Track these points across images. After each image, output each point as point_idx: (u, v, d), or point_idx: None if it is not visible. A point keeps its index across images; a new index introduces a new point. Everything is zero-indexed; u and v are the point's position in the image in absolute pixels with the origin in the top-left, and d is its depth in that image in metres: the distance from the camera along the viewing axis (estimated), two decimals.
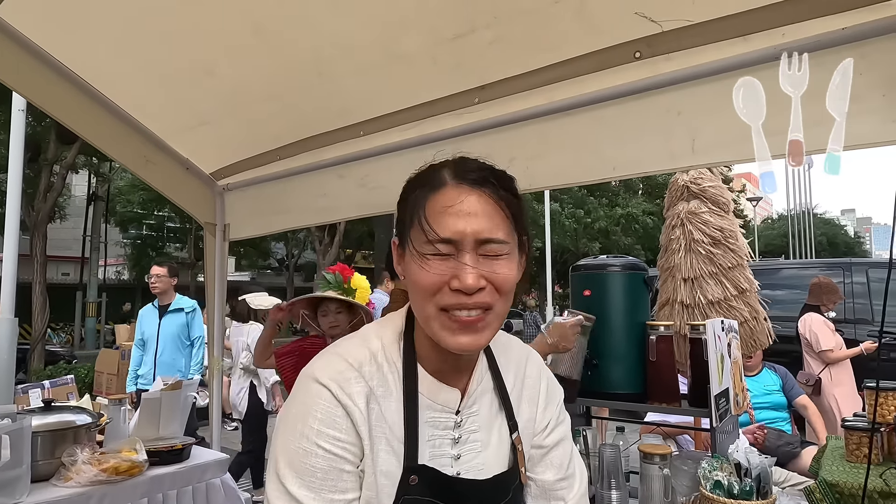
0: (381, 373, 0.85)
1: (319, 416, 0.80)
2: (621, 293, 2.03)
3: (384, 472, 0.82)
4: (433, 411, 0.87)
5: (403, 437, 0.84)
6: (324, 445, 0.80)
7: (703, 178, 2.90)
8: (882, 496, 1.44)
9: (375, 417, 0.83)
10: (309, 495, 0.79)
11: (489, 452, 0.90)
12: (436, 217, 0.80)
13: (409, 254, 0.83)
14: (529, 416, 0.96)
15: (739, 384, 2.01)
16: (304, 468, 0.79)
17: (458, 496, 0.86)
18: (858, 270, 6.51)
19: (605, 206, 20.00)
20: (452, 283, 0.78)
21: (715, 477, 1.62)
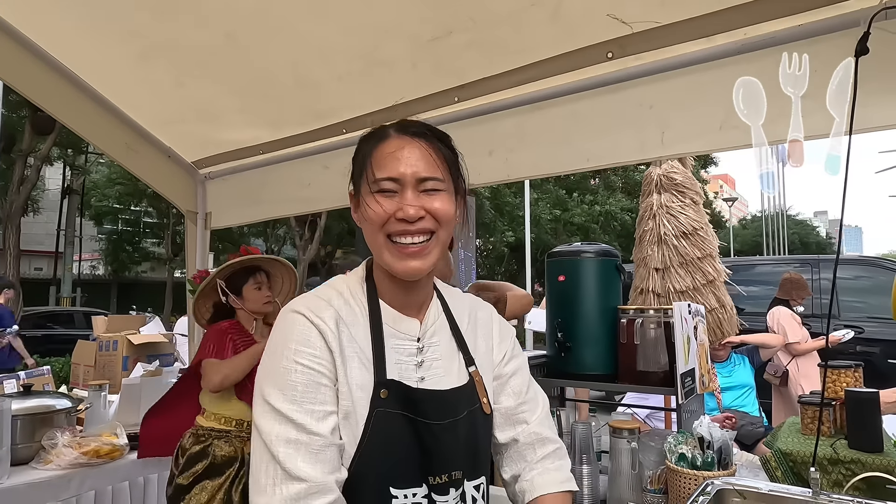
0: (348, 306, 0.98)
1: (296, 338, 0.91)
2: (594, 278, 2.11)
3: (359, 385, 0.93)
4: (397, 339, 0.99)
5: (372, 357, 0.95)
6: (302, 361, 0.90)
7: (675, 172, 3.01)
8: (831, 462, 1.55)
9: (346, 338, 0.94)
10: (292, 408, 0.87)
11: (450, 378, 1.01)
12: (381, 161, 0.96)
13: (361, 199, 0.98)
14: (486, 350, 1.10)
15: (705, 365, 2.11)
16: (286, 384, 0.88)
17: (422, 405, 0.96)
18: (826, 267, 6.73)
19: (584, 205, 20.21)
20: (397, 213, 0.93)
21: (680, 450, 1.70)
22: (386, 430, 0.92)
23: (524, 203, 15.21)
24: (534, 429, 1.10)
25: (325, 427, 0.88)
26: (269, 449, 0.85)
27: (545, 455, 1.10)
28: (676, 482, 1.67)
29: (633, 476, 1.73)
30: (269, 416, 0.88)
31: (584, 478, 1.87)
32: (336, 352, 0.92)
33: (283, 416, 0.87)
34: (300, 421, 0.87)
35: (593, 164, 1.80)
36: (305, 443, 0.86)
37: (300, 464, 0.85)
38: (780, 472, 1.67)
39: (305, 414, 0.87)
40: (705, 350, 2.16)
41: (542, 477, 1.08)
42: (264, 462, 0.86)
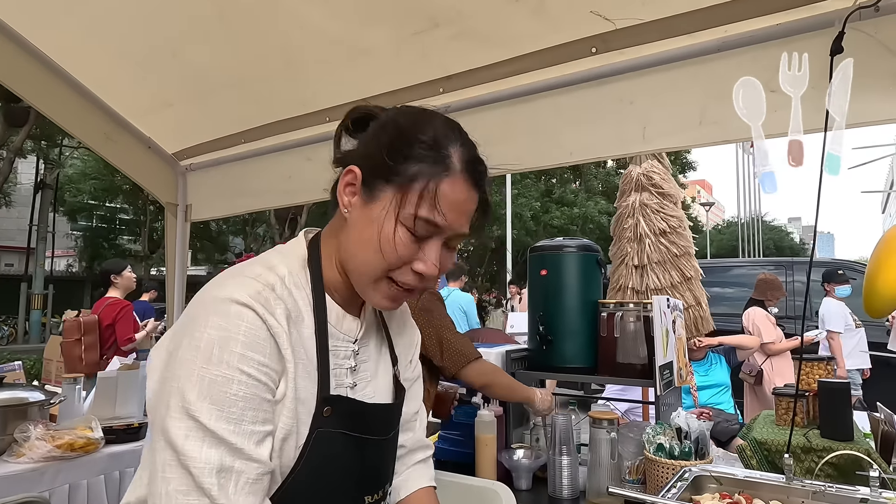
0: (292, 298, 0.81)
1: (242, 339, 0.73)
2: (575, 273, 2.13)
3: (302, 400, 0.79)
4: (336, 340, 0.86)
5: (317, 365, 0.81)
6: (247, 371, 0.73)
7: (655, 172, 3.06)
8: (804, 451, 1.59)
9: (295, 341, 0.79)
10: (228, 428, 0.71)
11: (376, 382, 0.93)
12: (442, 199, 0.78)
13: (380, 204, 0.79)
14: (405, 349, 1.03)
15: (683, 359, 2.15)
16: (224, 398, 0.71)
17: (366, 423, 0.86)
18: (800, 269, 6.89)
19: (564, 206, 20.39)
20: (416, 265, 0.80)
21: (658, 441, 1.73)
22: (325, 453, 0.80)
23: (505, 201, 15.28)
24: (419, 435, 1.07)
25: (264, 451, 0.74)
26: (196, 480, 0.68)
27: (422, 459, 1.08)
28: (655, 472, 1.69)
29: (613, 466, 1.75)
30: (196, 437, 0.70)
31: (563, 469, 1.89)
32: (289, 360, 0.77)
33: (218, 437, 0.70)
34: (238, 445, 0.71)
35: (576, 159, 1.83)
36: (242, 472, 0.71)
37: (237, 497, 0.70)
38: (755, 460, 1.71)
39: (245, 436, 0.72)
40: (683, 344, 2.20)
41: (415, 472, 1.06)
42: (186, 495, 0.69)
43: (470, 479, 1.98)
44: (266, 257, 0.86)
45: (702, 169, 60.18)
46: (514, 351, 2.29)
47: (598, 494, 1.75)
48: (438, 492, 1.93)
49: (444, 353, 1.87)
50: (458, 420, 2.29)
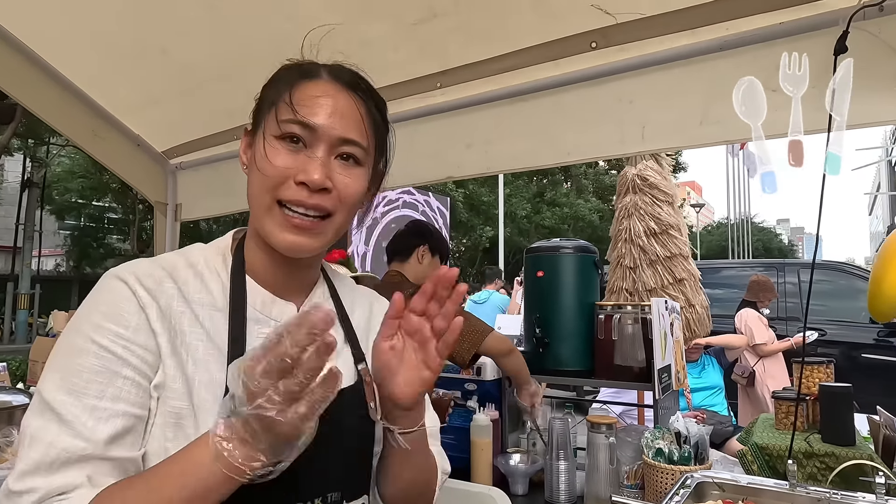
0: (200, 281, 0.77)
1: (103, 310, 0.70)
2: (572, 274, 2.11)
3: (204, 384, 0.71)
4: (266, 326, 0.78)
5: (227, 348, 0.74)
6: (99, 341, 0.68)
7: (650, 172, 3.04)
8: (806, 456, 1.57)
9: (188, 322, 0.73)
10: (66, 400, 0.65)
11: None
12: (302, 101, 0.76)
13: (259, 139, 0.78)
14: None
15: (680, 362, 2.13)
16: (70, 368, 0.67)
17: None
18: (791, 271, 6.91)
19: (555, 207, 20.42)
20: (298, 175, 0.74)
21: (657, 445, 1.71)
22: None
23: (498, 201, 15.28)
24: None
25: (104, 432, 0.66)
26: (23, 445, 0.65)
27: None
28: (653, 477, 1.67)
29: (611, 472, 1.73)
30: (34, 410, 0.66)
31: (561, 473, 1.86)
32: (163, 339, 0.71)
33: (51, 408, 0.65)
34: (70, 418, 0.65)
35: (574, 158, 1.80)
36: (64, 448, 0.64)
37: (35, 479, 0.63)
38: (756, 465, 1.69)
39: (81, 409, 0.65)
40: (680, 347, 2.18)
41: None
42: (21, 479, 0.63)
43: (466, 484, 1.95)
44: (189, 248, 0.83)
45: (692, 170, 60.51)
46: None
47: (596, 500, 1.72)
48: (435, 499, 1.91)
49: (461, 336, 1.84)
50: (454, 424, 2.25)
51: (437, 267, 2.15)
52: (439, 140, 2.04)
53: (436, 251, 2.10)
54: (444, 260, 2.13)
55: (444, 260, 2.13)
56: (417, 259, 2.07)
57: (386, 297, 1.96)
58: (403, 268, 2.07)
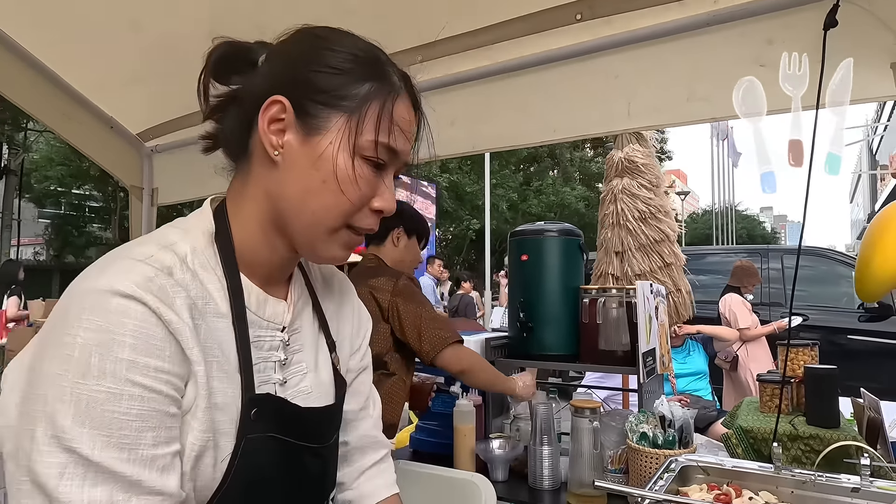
0: (198, 282, 0.65)
1: (130, 342, 0.56)
2: (557, 257, 2.07)
3: (220, 407, 0.64)
4: (259, 328, 0.71)
5: (238, 362, 0.66)
6: (141, 382, 0.56)
7: (637, 155, 3.01)
8: (790, 439, 1.56)
9: (204, 336, 0.64)
10: (120, 457, 0.55)
11: (316, 376, 0.78)
12: (399, 123, 0.69)
13: (328, 136, 0.66)
14: (347, 334, 0.87)
15: (665, 346, 2.11)
16: (110, 419, 0.55)
17: (301, 427, 0.72)
18: (774, 257, 6.96)
19: (542, 194, 20.44)
20: (375, 203, 0.69)
21: (641, 429, 1.69)
22: (258, 464, 0.66)
23: (483, 191, 15.24)
24: (368, 431, 0.91)
25: (172, 480, 0.59)
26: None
27: (376, 461, 0.91)
28: (637, 461, 1.65)
29: (595, 456, 1.70)
30: (75, 474, 0.53)
31: (544, 458, 1.84)
32: (197, 362, 0.62)
33: (106, 471, 0.54)
34: (135, 476, 0.55)
35: (560, 136, 1.76)
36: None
37: None
38: (740, 448, 1.67)
39: (143, 464, 0.56)
40: (665, 331, 2.16)
41: (369, 483, 0.90)
42: None
43: (449, 471, 1.92)
44: (162, 233, 0.68)
45: (678, 159, 60.80)
46: (494, 338, 2.23)
47: (580, 485, 1.70)
48: (416, 484, 1.88)
49: (423, 337, 1.78)
50: (437, 410, 2.22)
51: (415, 250, 2.11)
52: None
53: (412, 232, 2.01)
54: (422, 241, 2.06)
55: (422, 241, 2.06)
56: (393, 242, 1.99)
57: (364, 283, 1.91)
58: (380, 251, 1.99)
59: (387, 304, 1.81)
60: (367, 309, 1.82)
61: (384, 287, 1.83)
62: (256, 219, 0.70)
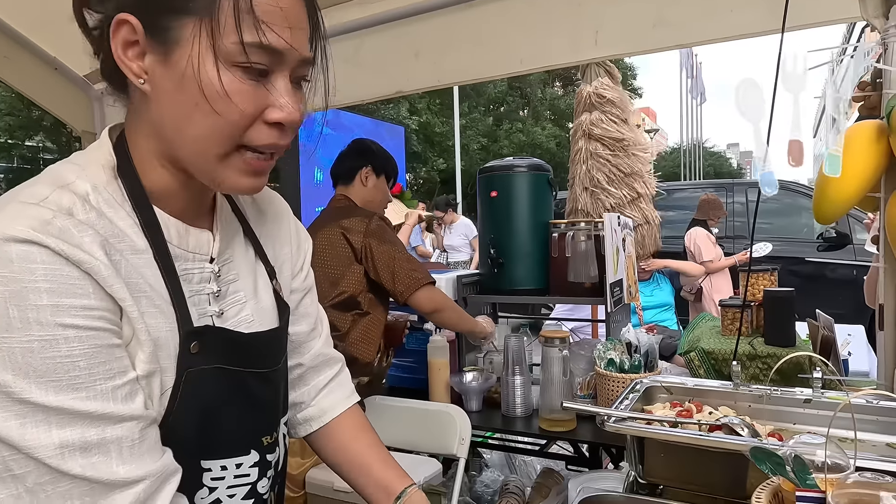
0: (106, 221, 0.59)
1: (45, 286, 0.53)
2: (526, 193, 2.08)
3: (158, 343, 0.62)
4: (185, 262, 0.67)
5: (169, 296, 0.63)
6: (72, 323, 0.54)
7: (606, 89, 2.99)
8: (749, 358, 1.63)
9: (126, 271, 0.59)
10: (78, 396, 0.53)
11: (255, 304, 0.75)
12: (266, 13, 0.57)
13: (183, 49, 0.57)
14: (287, 257, 0.83)
15: (632, 277, 2.16)
16: (54, 365, 0.53)
17: (246, 355, 0.70)
18: (739, 191, 7.11)
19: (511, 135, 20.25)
20: (271, 114, 0.60)
21: (608, 356, 1.75)
22: (201, 395, 0.65)
23: (453, 132, 15.02)
24: (321, 350, 0.90)
25: (139, 403, 0.58)
26: (57, 469, 0.53)
27: (331, 377, 0.91)
28: (605, 386, 1.71)
29: (564, 383, 1.76)
30: (36, 420, 0.52)
31: (517, 388, 1.90)
32: (124, 296, 0.58)
33: (68, 412, 0.53)
34: (101, 410, 0.55)
35: (527, 67, 1.72)
36: (120, 437, 0.56)
37: (121, 467, 0.55)
38: (702, 369, 1.75)
39: (103, 399, 0.55)
40: (632, 262, 2.21)
41: (328, 398, 0.90)
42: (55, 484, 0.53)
43: (425, 403, 1.97)
44: (55, 171, 0.61)
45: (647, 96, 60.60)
46: (466, 276, 2.25)
47: (550, 411, 1.77)
48: (393, 418, 1.93)
49: (397, 278, 1.79)
50: (411, 347, 2.26)
51: (384, 189, 2.09)
52: (385, 52, 1.92)
53: (380, 171, 1.98)
54: (391, 180, 2.03)
55: (391, 180, 2.03)
56: (361, 181, 1.95)
57: (336, 224, 1.88)
58: (349, 192, 1.96)
59: (360, 246, 1.80)
60: (340, 252, 1.83)
61: (357, 228, 1.81)
62: (153, 153, 0.64)
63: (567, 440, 2.01)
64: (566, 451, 2.23)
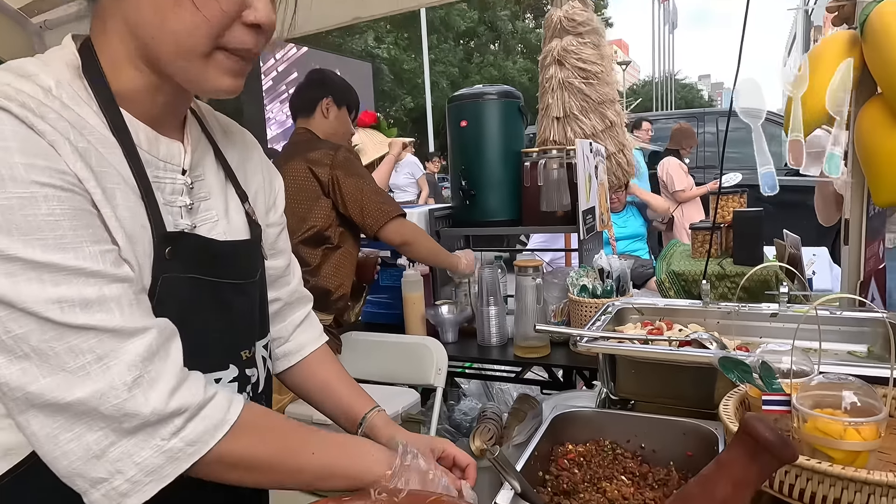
0: (71, 111, 0.57)
1: (15, 146, 0.51)
2: (497, 122, 2.03)
3: (132, 237, 0.60)
4: (157, 169, 0.65)
5: (141, 194, 0.62)
6: (48, 181, 0.53)
7: (577, 13, 2.88)
8: (718, 278, 1.66)
9: (97, 160, 0.58)
10: (67, 256, 0.52)
11: (226, 223, 0.74)
12: None
13: None
14: (259, 187, 0.83)
15: (604, 205, 2.15)
16: (37, 223, 0.51)
17: (220, 265, 0.70)
18: (710, 120, 7.11)
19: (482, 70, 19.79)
20: (248, 15, 0.60)
21: (581, 283, 1.76)
22: (178, 304, 0.64)
23: (423, 69, 14.60)
24: (296, 287, 0.92)
25: (127, 270, 0.58)
26: (60, 322, 0.52)
27: (305, 315, 0.94)
28: (578, 312, 1.73)
29: (538, 311, 1.78)
30: (28, 277, 0.51)
31: (491, 318, 1.91)
32: (86, 177, 0.56)
33: (62, 268, 0.52)
34: (94, 268, 0.54)
35: None
36: (118, 295, 0.55)
37: (126, 318, 0.55)
38: (673, 291, 1.78)
39: (93, 259, 0.54)
40: (605, 189, 2.20)
41: (303, 335, 0.93)
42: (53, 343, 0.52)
43: (400, 336, 1.99)
44: (15, 64, 0.58)
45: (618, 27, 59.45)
46: (438, 209, 2.22)
47: (525, 338, 1.79)
48: (371, 352, 1.94)
49: (366, 211, 1.74)
50: (385, 283, 2.25)
51: (346, 121, 2.01)
52: None
53: (342, 103, 1.89)
54: (353, 112, 1.95)
55: (353, 112, 1.95)
56: (322, 113, 1.87)
57: (302, 157, 1.81)
58: (310, 124, 1.87)
59: (326, 179, 1.74)
60: (306, 186, 1.77)
61: (322, 161, 1.74)
62: (126, 56, 0.62)
63: (542, 366, 2.06)
64: (541, 377, 2.29)
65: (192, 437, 0.57)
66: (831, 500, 0.66)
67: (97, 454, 0.53)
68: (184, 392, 0.58)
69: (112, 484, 0.54)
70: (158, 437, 0.55)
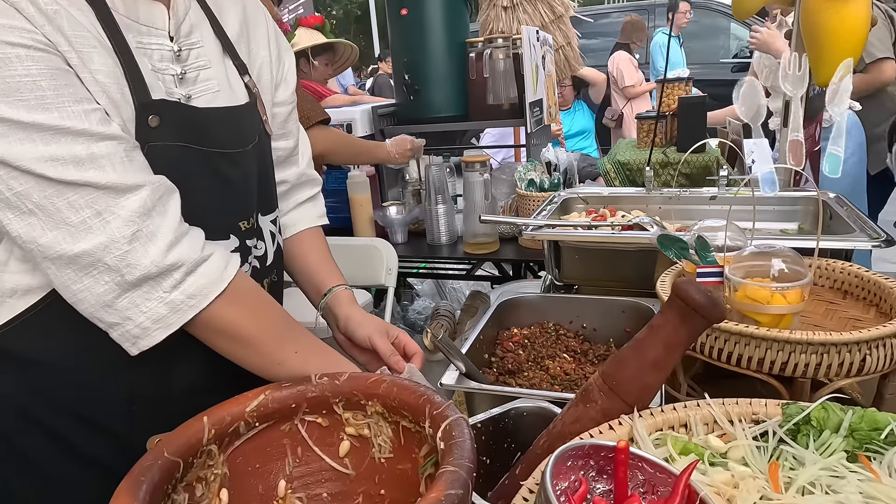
0: None
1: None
2: (440, 9, 1.91)
3: (114, 102, 0.60)
4: (139, 34, 0.63)
5: (118, 59, 0.60)
6: (19, 41, 0.52)
7: None
8: (662, 166, 1.68)
9: (69, 23, 0.56)
10: (52, 116, 0.53)
11: (230, 92, 0.73)
12: None
13: None
14: (265, 61, 0.80)
15: (552, 97, 2.11)
16: (14, 84, 0.52)
17: (211, 133, 0.69)
18: (661, 13, 6.95)
19: None
20: None
21: (529, 177, 1.75)
22: (169, 173, 0.63)
23: None
24: (305, 170, 0.93)
25: (115, 128, 0.58)
26: (57, 179, 0.54)
27: (310, 196, 0.94)
28: (526, 206, 1.73)
29: (487, 207, 1.77)
30: (17, 136, 0.53)
31: (440, 217, 1.90)
32: (58, 41, 0.55)
33: (49, 128, 0.54)
34: (78, 126, 0.55)
35: None
36: (109, 153, 0.56)
37: (119, 175, 0.57)
38: (618, 181, 1.79)
39: (78, 118, 0.55)
40: (552, 81, 2.14)
41: (299, 212, 0.93)
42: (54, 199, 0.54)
43: (349, 239, 1.96)
44: None
45: None
46: (381, 107, 2.13)
47: (474, 235, 1.79)
48: None
49: None
50: (331, 187, 2.18)
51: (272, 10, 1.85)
52: None
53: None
54: (280, 2, 1.79)
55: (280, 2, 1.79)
56: None
57: None
58: None
59: None
60: None
61: None
62: None
63: (491, 261, 2.08)
64: (492, 273, 2.33)
65: (191, 290, 0.62)
66: (755, 361, 0.70)
67: (107, 304, 0.59)
68: (181, 247, 0.61)
69: (125, 327, 0.60)
70: (161, 290, 0.60)
